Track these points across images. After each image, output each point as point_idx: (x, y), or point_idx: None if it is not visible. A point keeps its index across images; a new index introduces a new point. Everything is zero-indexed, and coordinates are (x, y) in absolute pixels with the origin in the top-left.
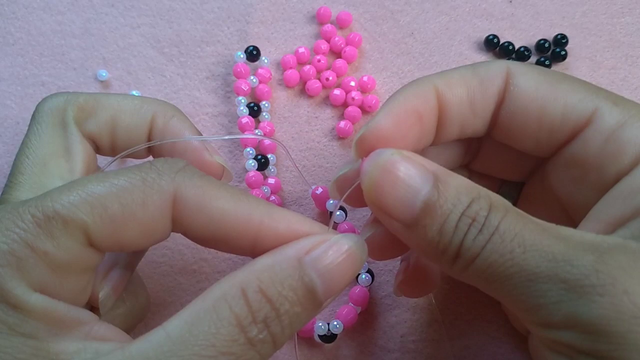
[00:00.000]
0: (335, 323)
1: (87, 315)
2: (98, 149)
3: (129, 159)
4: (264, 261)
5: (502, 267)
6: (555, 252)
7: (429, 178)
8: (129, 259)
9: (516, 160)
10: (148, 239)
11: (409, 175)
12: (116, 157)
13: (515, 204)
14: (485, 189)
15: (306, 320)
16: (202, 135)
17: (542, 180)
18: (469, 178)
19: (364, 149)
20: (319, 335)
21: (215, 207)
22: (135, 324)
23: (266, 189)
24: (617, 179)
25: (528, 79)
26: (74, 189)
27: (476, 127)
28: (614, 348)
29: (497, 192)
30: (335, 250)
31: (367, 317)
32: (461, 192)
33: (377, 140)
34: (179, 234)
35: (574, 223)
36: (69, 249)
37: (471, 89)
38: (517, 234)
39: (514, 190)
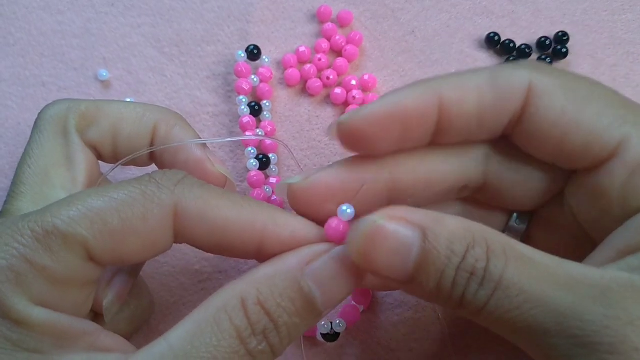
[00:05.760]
0: (338, 322)
1: (91, 325)
2: (100, 157)
3: (133, 167)
4: (264, 271)
5: (510, 321)
6: (564, 306)
7: (417, 234)
8: (132, 265)
9: (529, 191)
10: (149, 252)
11: (396, 236)
12: (117, 164)
13: (527, 228)
14: (480, 229)
15: (305, 329)
16: (204, 143)
17: (560, 204)
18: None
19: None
20: (321, 334)
21: (218, 216)
22: (140, 325)
23: (268, 189)
24: None
25: (552, 101)
26: (73, 204)
27: (483, 138)
28: None
29: (509, 219)
30: (336, 262)
31: (370, 315)
32: (454, 242)
33: (356, 137)
34: None
35: (594, 243)
36: (68, 264)
37: (483, 104)
38: (521, 288)
39: (526, 214)
